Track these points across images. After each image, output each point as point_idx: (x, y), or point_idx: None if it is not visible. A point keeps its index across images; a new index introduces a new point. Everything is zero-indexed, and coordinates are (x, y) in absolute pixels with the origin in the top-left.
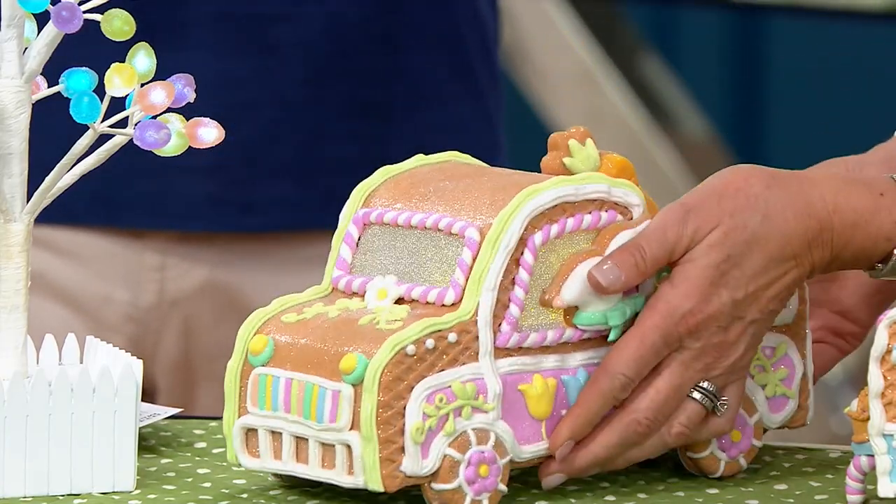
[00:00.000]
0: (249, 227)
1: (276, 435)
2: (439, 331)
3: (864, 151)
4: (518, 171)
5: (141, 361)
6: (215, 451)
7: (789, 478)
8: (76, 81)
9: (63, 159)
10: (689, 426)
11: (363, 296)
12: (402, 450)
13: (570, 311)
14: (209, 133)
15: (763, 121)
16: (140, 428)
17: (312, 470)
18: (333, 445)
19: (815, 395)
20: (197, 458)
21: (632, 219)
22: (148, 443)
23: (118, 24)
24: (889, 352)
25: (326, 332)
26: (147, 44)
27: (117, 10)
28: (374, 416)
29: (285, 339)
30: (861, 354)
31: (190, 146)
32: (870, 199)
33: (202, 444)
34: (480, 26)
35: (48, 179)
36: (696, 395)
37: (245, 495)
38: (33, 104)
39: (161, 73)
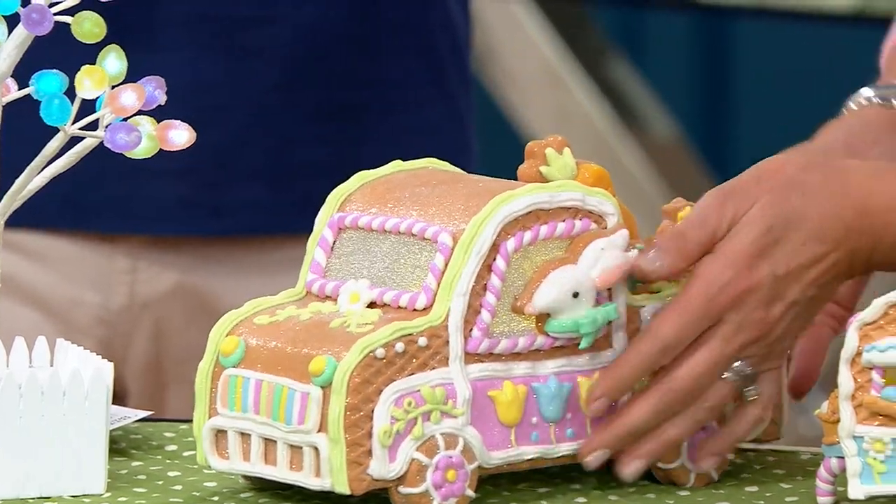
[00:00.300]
0: (220, 230)
1: (245, 436)
2: (409, 335)
3: None
4: (494, 178)
5: (111, 364)
6: (186, 453)
7: (760, 480)
8: (47, 84)
9: (33, 161)
10: (718, 406)
11: (336, 299)
12: (370, 453)
13: (542, 319)
14: (180, 136)
15: (730, 122)
16: (110, 431)
17: (280, 472)
18: (301, 447)
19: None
20: (167, 461)
21: (606, 227)
22: (118, 445)
23: (88, 27)
24: (859, 354)
25: (297, 334)
26: (118, 46)
27: (88, 12)
28: (341, 419)
29: (256, 340)
30: (830, 357)
31: (161, 149)
32: None
33: (172, 447)
34: (452, 30)
35: (18, 182)
36: (728, 374)
37: (216, 498)
38: (3, 106)
39: (133, 77)
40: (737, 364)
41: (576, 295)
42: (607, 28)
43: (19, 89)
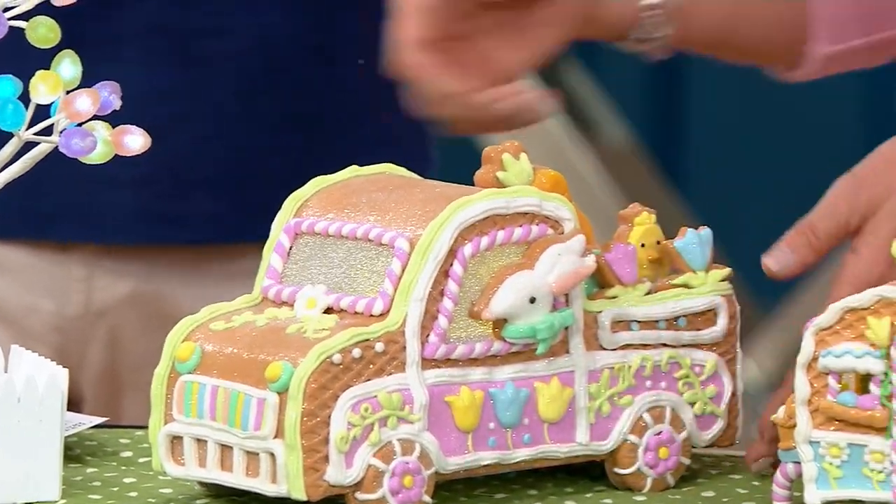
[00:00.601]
0: (177, 239)
1: (201, 443)
2: (367, 340)
3: (784, 159)
4: (451, 184)
5: (66, 371)
6: (141, 460)
7: (717, 485)
8: (1, 88)
9: None
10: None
11: (293, 305)
12: (327, 459)
13: (499, 324)
14: (135, 141)
15: (684, 129)
16: (66, 437)
17: (237, 478)
18: (258, 454)
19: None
20: (123, 468)
21: (563, 233)
22: (73, 452)
23: (43, 32)
24: (815, 359)
25: (254, 340)
26: (73, 51)
27: (42, 17)
28: (298, 425)
29: (212, 346)
30: (782, 361)
31: (118, 157)
32: None
33: (128, 454)
34: None
35: None
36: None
37: (171, 503)
38: None
39: (91, 84)
40: None
41: (532, 300)
42: None
43: None
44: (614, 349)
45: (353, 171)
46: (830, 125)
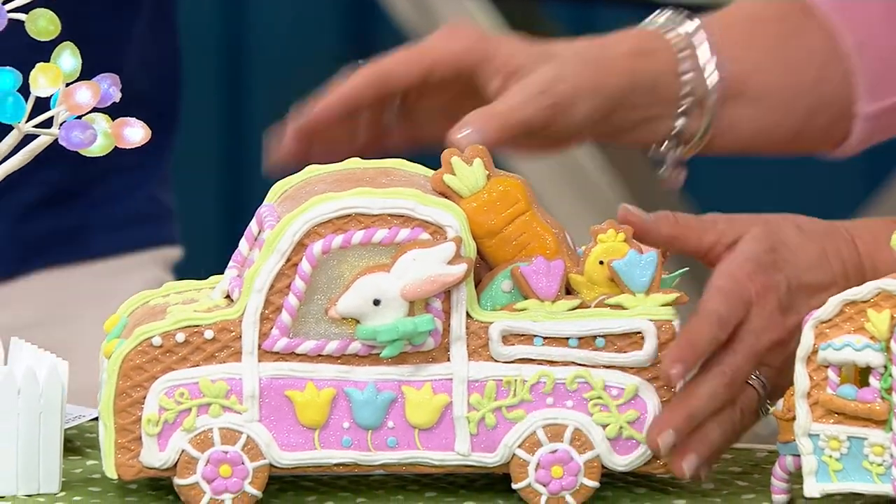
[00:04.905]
0: None
1: None
2: (196, 326)
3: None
4: (418, 178)
5: (66, 363)
6: None
7: (716, 477)
8: (1, 80)
9: None
10: (747, 411)
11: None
12: (140, 440)
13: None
14: (135, 133)
15: None
16: (66, 430)
17: None
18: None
19: None
20: None
21: (445, 239)
22: (73, 444)
23: (43, 24)
24: (815, 352)
25: (145, 315)
26: (72, 43)
27: (42, 9)
28: (111, 403)
29: (132, 319)
30: None
31: None
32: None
33: None
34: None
35: None
36: (754, 380)
37: (170, 497)
38: None
39: None
40: (759, 374)
41: (377, 303)
42: (560, 25)
43: None
44: (508, 362)
45: (352, 162)
46: None
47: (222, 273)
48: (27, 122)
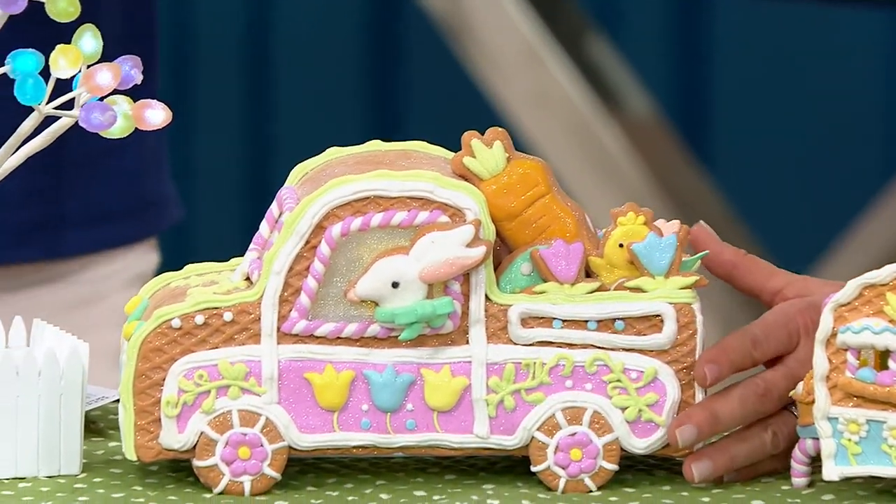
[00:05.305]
0: None
1: None
2: (215, 308)
3: (807, 131)
4: (439, 160)
5: (87, 345)
6: None
7: None
8: (23, 62)
9: (8, 141)
10: (781, 434)
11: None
12: (159, 421)
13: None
14: (156, 115)
15: (708, 100)
16: (89, 411)
17: None
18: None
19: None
20: None
21: (465, 222)
22: (97, 426)
23: (63, 6)
24: (834, 335)
25: (166, 297)
26: (93, 25)
27: None
28: (131, 385)
29: (153, 301)
30: None
31: None
32: None
33: None
34: None
35: None
36: (793, 408)
37: (190, 478)
38: None
39: None
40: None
41: (395, 285)
42: (585, 5)
43: None
44: (527, 345)
45: (372, 145)
46: (860, 96)
47: (243, 255)
48: (47, 103)
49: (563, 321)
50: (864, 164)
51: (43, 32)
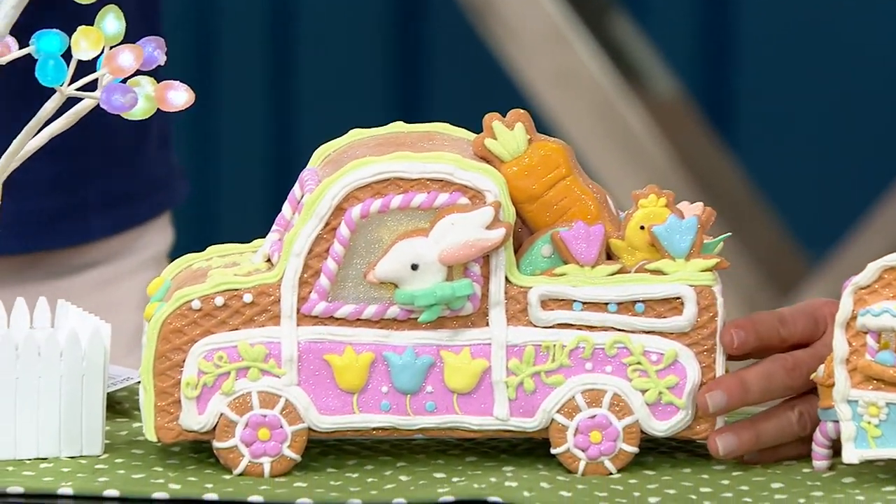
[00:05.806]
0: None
1: None
2: (235, 290)
3: (833, 112)
4: (462, 142)
5: (109, 326)
6: None
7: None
8: (47, 43)
9: (30, 122)
10: (808, 416)
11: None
12: (180, 403)
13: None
14: (179, 96)
15: (733, 81)
16: (114, 392)
17: None
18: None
19: None
20: None
21: (485, 204)
22: (121, 406)
23: None
24: (854, 318)
25: (188, 278)
26: (116, 6)
27: None
28: (151, 366)
29: (175, 282)
30: None
31: None
32: None
33: None
34: None
35: (16, 142)
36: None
37: (212, 459)
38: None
39: None
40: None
41: (415, 267)
42: None
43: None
44: (547, 327)
45: (394, 126)
46: (888, 79)
47: (265, 236)
48: (69, 85)
49: (584, 303)
50: (889, 147)
51: (64, 14)
